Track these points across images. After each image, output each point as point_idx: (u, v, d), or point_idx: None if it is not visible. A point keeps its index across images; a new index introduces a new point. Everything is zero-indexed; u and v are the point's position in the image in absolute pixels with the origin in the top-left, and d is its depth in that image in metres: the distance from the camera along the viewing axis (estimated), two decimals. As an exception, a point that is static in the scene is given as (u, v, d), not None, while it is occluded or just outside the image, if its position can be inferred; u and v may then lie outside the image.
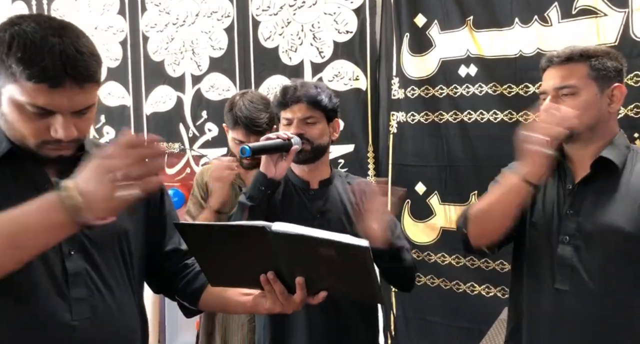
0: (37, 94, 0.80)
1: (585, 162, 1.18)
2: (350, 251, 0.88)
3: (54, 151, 0.86)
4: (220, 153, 2.63)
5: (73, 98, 0.82)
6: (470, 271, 2.04)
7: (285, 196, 1.38)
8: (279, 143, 1.29)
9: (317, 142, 1.36)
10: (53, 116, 0.83)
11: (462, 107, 2.04)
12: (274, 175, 1.30)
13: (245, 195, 1.30)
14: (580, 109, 1.14)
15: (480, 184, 1.99)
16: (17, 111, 0.82)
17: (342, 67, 2.31)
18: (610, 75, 1.16)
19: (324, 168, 1.43)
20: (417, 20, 2.11)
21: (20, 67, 0.78)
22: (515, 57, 1.92)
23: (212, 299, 1.08)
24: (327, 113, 1.39)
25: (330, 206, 1.38)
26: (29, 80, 0.78)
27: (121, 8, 2.93)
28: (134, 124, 2.92)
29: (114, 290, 0.94)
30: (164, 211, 1.09)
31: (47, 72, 0.79)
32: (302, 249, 0.92)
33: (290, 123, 1.36)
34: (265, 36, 2.49)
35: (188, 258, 1.11)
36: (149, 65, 2.85)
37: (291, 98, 1.36)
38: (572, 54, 1.17)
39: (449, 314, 2.08)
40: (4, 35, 0.80)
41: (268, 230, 0.89)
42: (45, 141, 0.85)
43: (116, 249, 0.96)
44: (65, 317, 0.87)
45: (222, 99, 2.64)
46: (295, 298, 0.97)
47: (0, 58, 0.80)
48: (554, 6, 1.84)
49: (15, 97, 0.81)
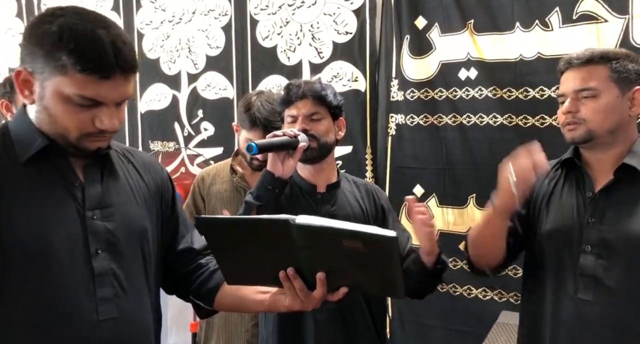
0: (87, 85, 0.81)
1: (606, 169, 1.14)
2: (377, 242, 0.86)
3: (95, 142, 0.87)
4: (216, 153, 2.61)
5: (119, 89, 0.84)
6: (467, 275, 2.02)
7: (292, 198, 1.35)
8: (286, 140, 1.26)
9: (323, 139, 1.33)
10: (98, 108, 0.84)
11: (461, 110, 2.04)
12: (282, 174, 1.27)
13: (252, 195, 1.27)
14: (601, 112, 1.12)
15: (479, 188, 2.01)
16: (63, 103, 0.83)
17: (341, 68, 2.30)
18: (632, 77, 1.13)
19: (331, 170, 1.40)
20: (417, 23, 2.10)
21: (73, 59, 0.79)
22: (515, 61, 1.92)
23: (227, 298, 1.06)
24: (332, 110, 1.36)
25: (339, 210, 1.35)
26: (81, 72, 0.79)
27: (115, 4, 2.88)
28: (128, 122, 2.88)
29: (136, 290, 0.94)
30: (175, 209, 1.09)
31: (100, 64, 0.80)
32: (325, 242, 0.89)
33: (295, 120, 1.34)
34: (264, 35, 2.47)
35: (201, 257, 1.09)
36: (144, 63, 2.81)
37: (296, 94, 1.34)
38: (592, 56, 1.14)
39: (445, 317, 2.08)
40: (50, 28, 0.80)
41: (292, 223, 0.88)
42: (88, 133, 0.85)
43: (138, 248, 0.95)
44: (92, 316, 0.87)
45: (219, 98, 2.62)
46: (315, 294, 0.95)
47: (49, 50, 0.80)
48: (555, 11, 1.84)
49: (63, 89, 0.81)
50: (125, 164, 0.99)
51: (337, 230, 0.87)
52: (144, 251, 0.97)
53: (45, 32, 0.81)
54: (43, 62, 0.81)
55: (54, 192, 0.86)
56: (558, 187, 1.22)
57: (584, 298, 1.12)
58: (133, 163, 1.01)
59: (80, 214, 0.87)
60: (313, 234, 0.89)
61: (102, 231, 0.89)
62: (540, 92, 1.89)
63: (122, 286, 0.91)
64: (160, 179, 1.05)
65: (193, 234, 1.11)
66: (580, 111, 1.14)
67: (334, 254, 0.91)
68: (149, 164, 1.05)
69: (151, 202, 1.00)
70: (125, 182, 0.96)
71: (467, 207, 2.04)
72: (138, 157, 1.04)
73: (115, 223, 0.91)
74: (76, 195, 0.88)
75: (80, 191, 0.89)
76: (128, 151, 1.03)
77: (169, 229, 1.06)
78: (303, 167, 1.38)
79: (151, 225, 0.99)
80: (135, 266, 0.94)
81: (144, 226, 0.97)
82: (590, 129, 1.13)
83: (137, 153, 1.05)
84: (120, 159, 0.99)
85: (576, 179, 1.20)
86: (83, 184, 0.89)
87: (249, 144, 1.20)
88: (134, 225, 0.94)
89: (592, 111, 1.12)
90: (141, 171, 1.01)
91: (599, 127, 1.13)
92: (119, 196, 0.93)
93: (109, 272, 0.89)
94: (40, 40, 0.81)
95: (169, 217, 1.06)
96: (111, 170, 0.95)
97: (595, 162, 1.18)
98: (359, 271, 0.93)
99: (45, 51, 0.81)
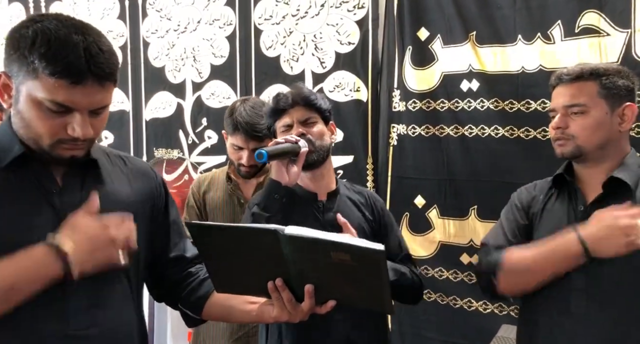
0: (58, 90, 0.80)
1: (596, 182, 1.15)
2: (365, 255, 0.86)
3: (68, 150, 0.86)
4: (220, 161, 2.62)
5: (92, 96, 0.83)
6: (468, 287, 2.03)
7: (293, 207, 1.33)
8: (289, 146, 1.25)
9: (320, 143, 1.33)
10: (70, 114, 0.83)
11: (463, 121, 2.03)
12: (288, 181, 1.26)
13: (259, 206, 1.26)
14: (590, 128, 1.12)
15: (480, 199, 2.00)
16: (35, 108, 0.82)
17: (343, 78, 2.30)
18: (622, 93, 1.14)
19: (330, 177, 1.40)
20: (420, 34, 2.11)
21: (44, 63, 0.79)
22: (517, 74, 1.92)
23: (216, 307, 1.05)
24: (323, 114, 1.38)
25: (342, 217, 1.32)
26: (51, 76, 0.79)
27: (121, 13, 2.91)
28: (132, 129, 2.90)
29: (116, 301, 0.93)
30: (168, 217, 1.08)
31: (70, 69, 0.79)
32: (314, 253, 0.89)
33: (289, 128, 1.34)
34: (267, 45, 2.49)
35: (192, 265, 1.09)
36: (149, 71, 2.84)
37: (286, 103, 1.34)
38: (582, 72, 1.15)
39: (445, 329, 2.07)
40: (26, 32, 0.81)
41: (281, 233, 0.88)
42: (60, 139, 0.84)
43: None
44: (63, 329, 0.85)
45: (223, 106, 2.63)
46: (302, 306, 0.94)
47: (22, 54, 0.80)
48: (557, 24, 1.84)
49: (35, 93, 0.81)
50: (115, 170, 0.98)
51: (325, 242, 0.87)
52: (130, 255, 0.93)
53: (22, 36, 0.81)
54: (18, 66, 0.81)
55: (30, 199, 0.85)
56: (551, 202, 1.23)
57: (577, 311, 1.12)
58: (124, 170, 1.00)
59: (57, 220, 0.86)
60: (302, 245, 0.88)
61: None
62: (542, 104, 1.89)
63: (98, 296, 0.89)
64: (153, 186, 1.05)
65: (185, 242, 1.10)
66: (570, 127, 1.15)
67: (322, 266, 0.90)
68: (142, 170, 1.04)
69: (138, 209, 0.98)
70: (109, 189, 0.95)
71: (468, 218, 2.03)
72: (131, 164, 1.03)
73: None
74: (54, 202, 0.87)
75: (58, 197, 0.88)
76: (121, 158, 1.03)
77: (160, 236, 1.05)
78: (302, 176, 1.37)
79: (137, 231, 0.95)
80: (115, 274, 0.92)
81: None
82: (579, 145, 1.14)
83: (131, 160, 1.05)
84: (113, 164, 0.98)
85: (568, 193, 1.20)
86: (61, 191, 0.89)
87: (259, 152, 1.18)
88: None
89: (581, 127, 1.13)
90: (131, 177, 1.01)
91: (587, 143, 1.13)
92: (100, 203, 0.90)
93: (85, 277, 0.85)
94: (15, 44, 0.82)
95: (161, 224, 1.05)
96: (95, 176, 0.94)
97: (586, 176, 1.18)
98: (347, 284, 0.93)
99: (19, 54, 0.81)
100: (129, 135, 2.88)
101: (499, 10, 1.94)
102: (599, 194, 1.14)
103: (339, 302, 0.96)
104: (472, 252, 2.01)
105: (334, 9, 2.31)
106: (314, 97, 1.36)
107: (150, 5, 2.82)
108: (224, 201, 1.78)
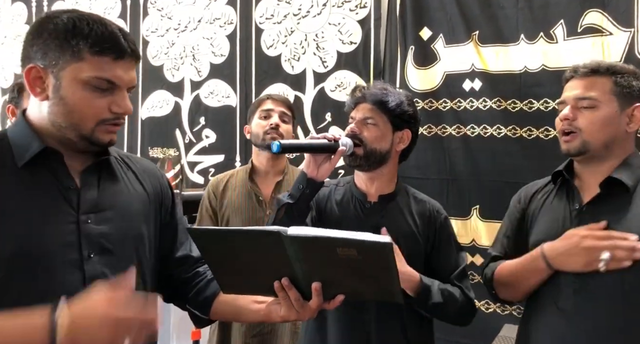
0: (104, 66, 0.85)
1: (595, 182, 1.13)
2: (372, 249, 0.86)
3: (108, 133, 0.89)
4: (218, 160, 2.59)
5: (130, 72, 0.89)
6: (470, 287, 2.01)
7: (342, 205, 1.30)
8: (320, 143, 1.21)
9: (371, 146, 1.25)
10: (113, 92, 0.87)
11: (465, 121, 2.03)
12: (315, 176, 1.22)
13: (288, 192, 1.24)
14: (598, 123, 1.11)
15: (482, 199, 1.99)
16: (80, 89, 0.85)
17: (344, 78, 2.30)
18: (634, 94, 1.13)
19: (386, 181, 1.32)
20: (422, 34, 2.11)
21: (89, 43, 0.83)
22: (520, 73, 1.93)
23: (224, 307, 1.04)
24: (393, 119, 1.28)
25: (387, 222, 1.25)
26: (97, 54, 0.84)
27: (122, 11, 2.90)
28: (128, 127, 2.87)
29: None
30: (175, 216, 1.08)
31: (114, 45, 0.85)
32: (319, 251, 0.89)
33: (353, 122, 1.30)
34: (268, 44, 2.48)
35: (199, 265, 1.08)
36: (147, 70, 2.82)
37: (356, 97, 1.31)
38: (598, 67, 1.14)
39: (447, 330, 2.02)
40: (61, 21, 0.84)
41: (284, 235, 0.87)
42: (104, 119, 0.87)
43: (133, 253, 0.94)
44: None
45: (222, 105, 2.61)
46: (311, 304, 0.94)
47: (64, 39, 0.83)
48: (560, 23, 1.85)
49: (80, 75, 0.84)
50: (124, 169, 0.99)
51: (330, 239, 0.87)
52: (140, 256, 0.95)
53: (57, 25, 0.84)
54: (58, 53, 0.84)
55: (48, 196, 0.86)
56: (549, 200, 1.22)
57: (565, 308, 1.11)
58: (132, 169, 1.01)
59: (75, 218, 0.87)
60: (306, 245, 0.88)
61: (95, 235, 0.88)
62: (545, 104, 1.89)
63: None
64: (160, 186, 1.05)
65: (192, 241, 1.09)
66: (578, 120, 1.14)
67: (328, 263, 0.90)
68: (149, 170, 1.05)
69: (149, 208, 0.99)
70: (123, 187, 0.96)
71: (471, 218, 2.02)
72: (137, 164, 1.04)
73: (111, 227, 0.90)
74: (71, 199, 0.88)
75: (75, 195, 0.88)
76: (128, 157, 1.03)
77: (167, 236, 1.05)
78: (357, 175, 1.34)
79: (148, 231, 0.98)
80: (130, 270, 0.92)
81: (141, 231, 0.96)
82: (585, 140, 1.13)
83: (136, 159, 1.05)
84: (119, 165, 0.99)
85: (566, 192, 1.19)
86: (79, 188, 0.89)
87: (273, 143, 1.17)
88: (130, 230, 0.93)
89: (589, 121, 1.12)
90: (140, 176, 1.01)
91: (593, 139, 1.12)
92: (115, 201, 0.93)
93: (100, 277, 0.86)
94: (52, 33, 0.84)
95: (168, 224, 1.05)
96: (110, 175, 0.95)
97: (587, 175, 1.17)
98: (355, 278, 0.92)
99: (60, 41, 0.84)
100: (123, 134, 2.85)
101: (501, 10, 1.95)
102: (596, 194, 1.13)
103: (348, 296, 0.95)
104: (474, 252, 2.00)
105: (336, 8, 2.32)
106: (385, 99, 1.27)
107: (152, 5, 2.81)
108: (243, 198, 1.76)
